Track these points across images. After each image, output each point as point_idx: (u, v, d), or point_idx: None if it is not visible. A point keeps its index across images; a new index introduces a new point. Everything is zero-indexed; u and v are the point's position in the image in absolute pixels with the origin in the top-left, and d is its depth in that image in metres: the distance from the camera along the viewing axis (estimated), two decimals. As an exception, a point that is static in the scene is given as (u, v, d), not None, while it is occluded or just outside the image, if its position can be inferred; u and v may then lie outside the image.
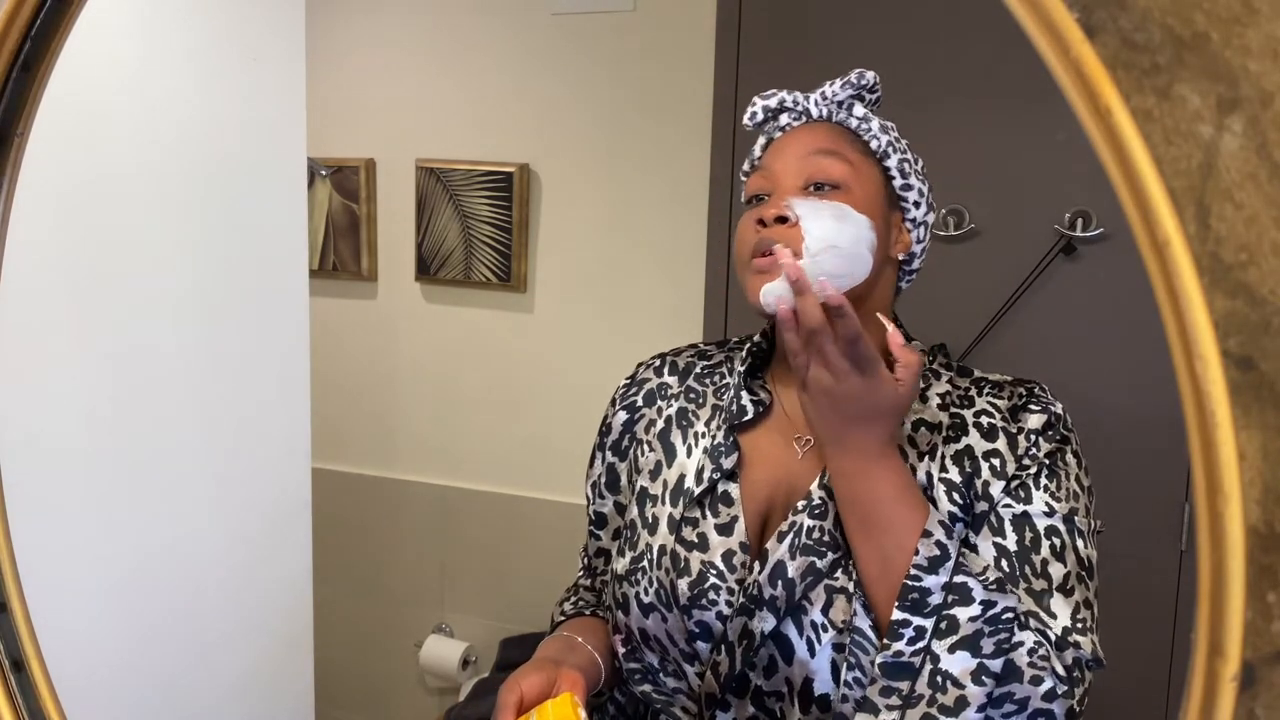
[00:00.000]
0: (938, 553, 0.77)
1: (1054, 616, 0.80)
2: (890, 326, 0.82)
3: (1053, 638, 0.79)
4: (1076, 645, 0.79)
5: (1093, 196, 1.66)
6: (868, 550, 0.80)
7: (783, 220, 0.84)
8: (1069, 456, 0.86)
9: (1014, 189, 1.73)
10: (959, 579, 0.77)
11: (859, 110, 0.91)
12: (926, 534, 0.78)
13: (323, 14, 2.10)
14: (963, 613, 0.77)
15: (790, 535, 0.85)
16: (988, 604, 0.77)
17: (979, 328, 1.74)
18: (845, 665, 0.81)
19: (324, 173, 2.27)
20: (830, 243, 0.82)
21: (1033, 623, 0.79)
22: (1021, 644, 0.77)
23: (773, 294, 0.80)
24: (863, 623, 0.80)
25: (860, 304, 0.84)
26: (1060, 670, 0.77)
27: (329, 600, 1.78)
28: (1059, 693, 0.77)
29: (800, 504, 0.86)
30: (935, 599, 0.77)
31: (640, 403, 1.01)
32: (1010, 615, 0.77)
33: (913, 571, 0.77)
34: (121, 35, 1.22)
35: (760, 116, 0.94)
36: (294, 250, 1.54)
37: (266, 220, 1.48)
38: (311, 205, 2.20)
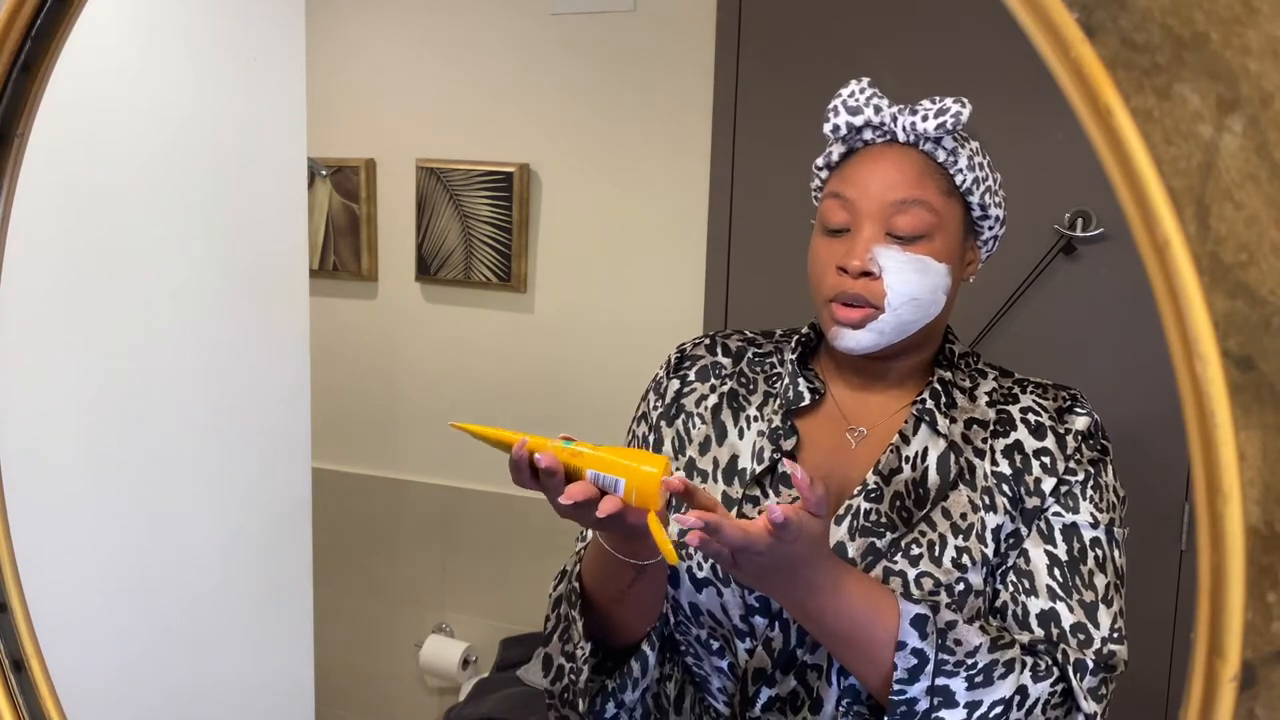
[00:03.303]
0: (915, 662, 0.79)
1: (1098, 627, 0.84)
2: (795, 469, 0.75)
3: (1089, 662, 0.82)
4: (1111, 654, 0.84)
5: (1093, 196, 1.66)
6: (857, 667, 0.83)
7: (867, 274, 0.86)
8: (1109, 468, 0.90)
9: (1014, 189, 1.72)
10: (940, 681, 0.80)
11: (948, 143, 0.88)
12: (901, 645, 0.79)
13: (323, 14, 2.10)
14: (951, 715, 0.80)
15: (848, 518, 0.88)
16: (973, 705, 0.80)
17: (979, 328, 1.74)
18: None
19: (324, 173, 2.27)
20: (912, 296, 0.86)
21: (1046, 661, 0.82)
22: (1036, 703, 0.81)
23: (854, 340, 0.87)
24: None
25: (924, 323, 0.89)
26: (1086, 704, 0.82)
27: (329, 600, 1.77)
28: None
29: (856, 489, 0.89)
30: (923, 705, 0.80)
31: (692, 377, 1.00)
32: (1001, 708, 0.80)
33: (896, 687, 0.80)
34: (121, 35, 1.22)
35: (843, 131, 0.90)
36: (294, 250, 1.54)
37: (266, 220, 1.48)
38: (311, 205, 2.19)
